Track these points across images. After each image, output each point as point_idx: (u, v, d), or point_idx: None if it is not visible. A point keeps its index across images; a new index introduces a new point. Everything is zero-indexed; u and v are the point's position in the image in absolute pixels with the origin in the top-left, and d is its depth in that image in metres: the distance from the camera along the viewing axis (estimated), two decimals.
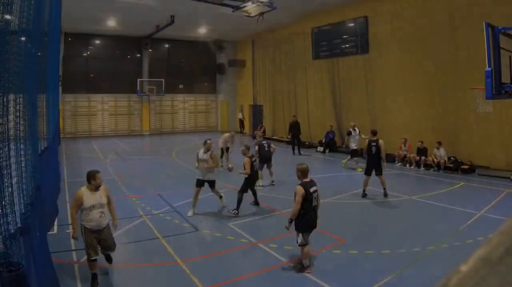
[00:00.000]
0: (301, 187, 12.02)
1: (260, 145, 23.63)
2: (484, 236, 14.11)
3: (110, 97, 51.86)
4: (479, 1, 25.78)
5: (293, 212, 11.89)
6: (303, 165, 12.57)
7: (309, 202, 11.96)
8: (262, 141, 24.25)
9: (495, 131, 26.09)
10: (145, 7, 35.84)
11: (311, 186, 12.23)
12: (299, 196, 11.80)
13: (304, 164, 12.72)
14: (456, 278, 0.85)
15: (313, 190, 11.96)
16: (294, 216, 11.92)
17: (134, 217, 17.27)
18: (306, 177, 12.44)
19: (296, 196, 11.89)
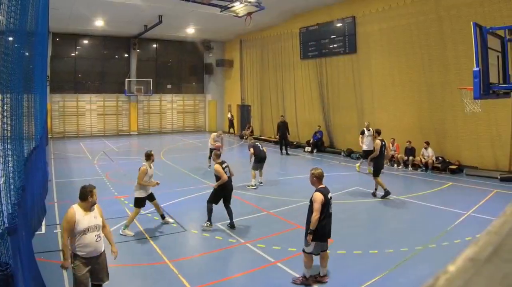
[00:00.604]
0: (320, 193, 11.31)
1: (255, 146, 23.52)
2: (472, 236, 14.18)
3: (98, 97, 51.74)
4: (467, 1, 25.86)
5: (314, 222, 11.03)
6: (318, 170, 11.87)
7: (327, 209, 11.36)
8: (255, 142, 24.16)
9: (483, 132, 26.17)
10: (133, 7, 35.79)
11: (328, 192, 11.57)
12: (319, 203, 11.12)
13: (319, 168, 12.00)
14: (444, 278, 0.85)
15: (330, 196, 11.47)
16: (314, 225, 11.05)
17: (122, 217, 17.19)
18: (321, 182, 11.75)
19: (315, 203, 11.18)
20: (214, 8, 30.04)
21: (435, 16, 28.17)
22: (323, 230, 11.26)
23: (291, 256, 13.22)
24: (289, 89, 43.56)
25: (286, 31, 43.14)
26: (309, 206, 11.44)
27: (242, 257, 13.57)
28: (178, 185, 22.84)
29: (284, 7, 37.79)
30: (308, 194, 16.33)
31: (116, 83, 52.33)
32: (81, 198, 9.72)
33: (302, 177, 25.40)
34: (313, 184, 11.74)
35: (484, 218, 16.70)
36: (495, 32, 14.35)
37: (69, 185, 23.63)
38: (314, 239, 11.11)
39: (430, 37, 28.56)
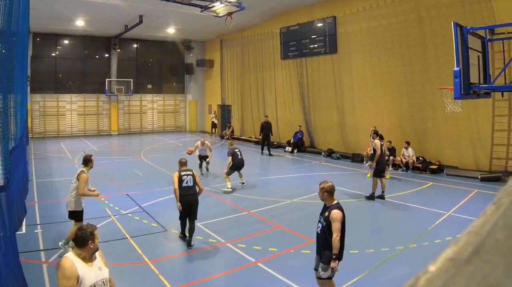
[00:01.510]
0: (339, 210, 9.87)
1: (234, 154, 22.87)
2: (452, 236, 14.28)
3: (78, 97, 51.65)
4: (447, 1, 25.99)
5: (336, 244, 9.61)
6: (328, 183, 10.31)
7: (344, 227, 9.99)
8: (235, 149, 23.27)
9: (463, 132, 26.30)
10: (113, 7, 35.82)
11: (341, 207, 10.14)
12: (339, 223, 9.73)
13: (329, 181, 10.41)
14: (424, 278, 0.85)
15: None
16: (338, 249, 9.63)
17: (103, 217, 17.28)
18: (333, 197, 10.27)
19: (334, 223, 9.71)
20: (194, 8, 30.07)
21: (415, 16, 28.31)
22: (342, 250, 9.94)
23: (272, 256, 13.25)
24: (269, 89, 43.70)
25: (267, 31, 43.27)
26: (324, 226, 9.98)
27: (223, 257, 13.53)
28: (158, 185, 22.86)
29: (265, 7, 37.97)
30: (289, 194, 16.29)
31: (97, 83, 52.32)
32: (79, 244, 6.97)
33: (282, 177, 25.52)
34: (325, 200, 10.30)
35: (465, 218, 16.81)
36: (475, 32, 14.44)
37: (50, 185, 23.69)
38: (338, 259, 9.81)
39: (410, 37, 28.71)
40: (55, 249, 13.63)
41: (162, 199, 20.35)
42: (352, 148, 32.41)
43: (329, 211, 9.90)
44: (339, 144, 34.60)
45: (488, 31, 16.22)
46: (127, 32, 46.26)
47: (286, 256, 13.22)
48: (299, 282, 11.45)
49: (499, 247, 0.89)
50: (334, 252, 9.58)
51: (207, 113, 57.56)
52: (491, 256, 0.86)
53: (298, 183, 24.70)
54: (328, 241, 9.79)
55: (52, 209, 18.55)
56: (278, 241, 14.41)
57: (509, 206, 1.11)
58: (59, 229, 15.89)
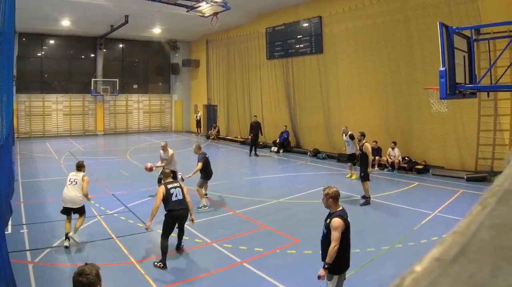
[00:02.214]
0: (340, 219, 9.27)
1: (206, 161, 19.62)
2: (438, 236, 14.29)
3: (64, 97, 51.57)
4: (433, 1, 26.10)
5: (332, 254, 9.06)
6: (333, 189, 9.65)
7: (347, 235, 9.47)
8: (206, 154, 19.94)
9: (449, 132, 26.41)
10: (99, 7, 35.75)
11: (347, 215, 9.57)
12: (339, 232, 9.16)
13: (333, 187, 9.73)
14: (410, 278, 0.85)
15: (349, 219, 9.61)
16: (333, 258, 9.08)
17: (89, 217, 16.94)
18: (338, 203, 9.69)
19: (334, 231, 9.16)
20: (180, 8, 29.99)
21: (401, 16, 28.42)
22: (346, 260, 9.55)
23: (258, 256, 13.26)
24: (255, 89, 43.76)
25: (253, 31, 43.32)
26: (325, 234, 9.48)
27: (209, 257, 13.56)
28: (144, 185, 22.84)
29: (250, 7, 38.03)
30: (275, 194, 16.25)
31: (83, 83, 52.24)
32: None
33: (268, 177, 25.53)
34: (329, 207, 9.69)
35: (451, 218, 16.84)
36: (461, 32, 14.43)
37: (36, 185, 23.68)
38: (336, 273, 9.36)
39: (396, 37, 28.81)
40: (41, 249, 13.58)
41: (148, 199, 20.33)
42: (338, 148, 32.24)
43: (331, 219, 9.36)
44: (325, 144, 34.68)
45: (474, 31, 16.28)
46: (113, 32, 46.31)
47: (272, 256, 13.24)
48: (284, 282, 11.48)
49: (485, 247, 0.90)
50: (327, 261, 9.10)
51: (193, 114, 57.61)
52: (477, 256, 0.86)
53: (284, 183, 24.75)
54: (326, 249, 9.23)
55: (38, 209, 18.55)
56: (264, 241, 14.45)
57: (494, 206, 1.11)
58: (45, 229, 15.91)
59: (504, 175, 1.41)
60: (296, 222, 17.23)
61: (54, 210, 17.88)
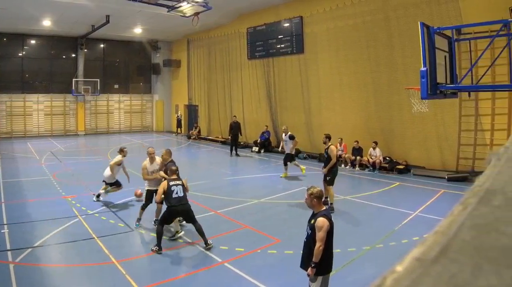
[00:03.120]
0: (325, 218, 9.18)
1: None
2: (419, 236, 14.29)
3: (45, 97, 51.48)
4: (414, 1, 26.21)
5: (318, 254, 8.98)
6: (316, 188, 9.63)
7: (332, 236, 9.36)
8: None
9: (430, 132, 26.51)
10: (80, 6, 35.57)
11: (330, 214, 9.69)
12: (324, 232, 9.05)
13: (317, 187, 9.73)
14: (391, 278, 0.85)
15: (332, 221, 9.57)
16: (318, 258, 9.01)
17: (70, 217, 17.15)
18: (322, 204, 9.68)
19: (319, 232, 9.03)
20: (161, 8, 30.07)
21: (382, 16, 28.48)
22: (330, 261, 9.48)
23: (239, 256, 13.26)
24: (236, 89, 43.79)
25: (234, 31, 43.32)
26: (310, 234, 9.39)
27: (190, 257, 13.59)
28: (125, 184, 22.30)
29: (231, 7, 38.05)
30: (256, 194, 16.23)
31: (64, 83, 52.10)
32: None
33: (249, 177, 25.56)
34: (313, 207, 9.63)
35: (432, 218, 16.86)
36: (442, 32, 14.51)
37: (17, 185, 23.59)
38: (320, 273, 9.28)
39: (377, 37, 28.88)
40: (23, 249, 13.51)
41: (129, 199, 20.36)
42: (318, 147, 32.02)
43: (315, 219, 9.27)
44: (305, 144, 34.61)
45: (455, 31, 16.34)
46: (94, 32, 46.17)
47: (253, 256, 13.26)
48: (265, 282, 11.48)
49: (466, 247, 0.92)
50: (314, 260, 9.02)
51: (174, 113, 57.58)
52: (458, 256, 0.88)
53: (265, 183, 24.76)
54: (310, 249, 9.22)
55: (19, 209, 18.44)
56: (245, 241, 14.46)
57: (476, 206, 1.11)
58: (26, 229, 15.82)
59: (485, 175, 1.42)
60: (277, 222, 17.26)
61: (35, 210, 18.04)
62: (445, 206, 17.98)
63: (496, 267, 0.84)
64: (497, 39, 15.83)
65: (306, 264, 9.37)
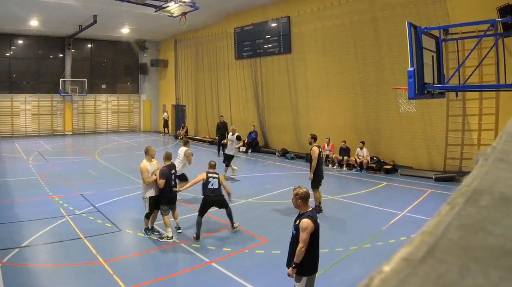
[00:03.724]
0: (309, 220, 9.11)
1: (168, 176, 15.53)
2: (407, 236, 14.32)
3: (33, 97, 51.35)
4: (401, 1, 26.29)
5: (299, 255, 8.97)
6: (302, 189, 9.62)
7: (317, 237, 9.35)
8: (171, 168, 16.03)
9: (418, 132, 26.58)
10: (68, 7, 35.53)
11: (316, 216, 9.53)
12: (308, 233, 9.00)
13: (303, 187, 9.74)
14: (378, 278, 0.85)
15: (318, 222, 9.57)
16: (300, 259, 9.00)
17: (57, 217, 17.12)
18: (308, 204, 9.62)
19: (303, 233, 8.99)
20: (149, 8, 30.08)
21: (369, 16, 28.53)
22: (315, 262, 9.45)
23: (226, 256, 13.28)
24: (224, 89, 43.79)
25: (221, 31, 43.33)
26: (294, 235, 9.36)
27: (177, 257, 13.64)
28: (113, 185, 22.83)
29: (219, 7, 38.00)
30: (243, 193, 16.23)
31: (51, 83, 52.06)
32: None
33: (237, 177, 25.52)
34: (298, 207, 9.64)
35: (419, 218, 16.90)
36: (429, 32, 14.58)
37: (4, 185, 23.53)
38: (304, 274, 9.26)
39: (364, 37, 28.91)
40: (10, 249, 13.50)
41: (116, 199, 20.32)
42: (306, 148, 31.25)
43: (300, 219, 9.24)
44: (293, 144, 34.84)
45: (442, 31, 16.39)
46: (81, 32, 46.04)
47: (240, 256, 13.29)
48: (253, 282, 11.50)
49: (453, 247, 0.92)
50: (295, 261, 9.03)
51: (161, 113, 57.61)
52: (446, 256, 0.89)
53: (252, 183, 24.80)
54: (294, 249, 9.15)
55: (6, 209, 18.39)
56: (232, 241, 14.51)
57: (463, 206, 1.11)
58: (13, 229, 15.80)
59: (473, 175, 1.42)
60: (264, 222, 17.30)
61: (23, 210, 18.00)
62: (432, 206, 17.99)
63: (484, 267, 0.84)
64: (485, 39, 15.92)
65: (290, 264, 9.32)
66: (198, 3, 27.15)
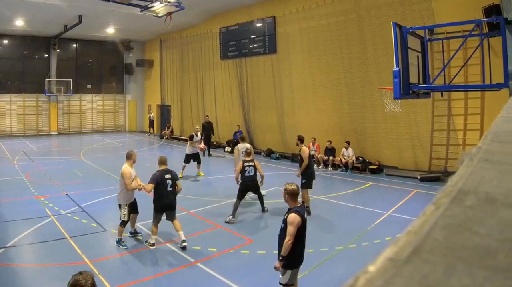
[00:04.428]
0: (296, 215, 9.50)
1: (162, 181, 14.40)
2: (392, 236, 14.38)
3: (18, 97, 51.34)
4: (387, 1, 26.35)
5: (286, 247, 9.32)
6: (292, 186, 10.04)
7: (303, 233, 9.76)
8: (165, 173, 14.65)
9: (403, 132, 26.66)
10: (53, 6, 35.49)
11: (304, 211, 10.04)
12: (295, 227, 9.36)
13: (294, 184, 10.16)
14: (364, 278, 0.85)
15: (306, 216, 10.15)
16: (287, 251, 9.34)
17: (42, 217, 17.09)
18: (296, 200, 10.05)
19: (290, 226, 9.37)
20: (134, 8, 29.88)
21: (355, 16, 28.57)
22: (300, 256, 9.79)
23: (211, 256, 13.29)
24: (209, 89, 43.83)
25: (206, 31, 43.35)
26: (282, 228, 9.80)
27: (163, 257, 13.54)
28: (98, 185, 22.81)
29: (204, 7, 38.02)
30: (228, 193, 16.22)
31: (36, 83, 51.94)
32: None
33: (222, 177, 25.53)
34: (287, 202, 10.08)
35: (404, 218, 16.93)
36: (415, 32, 14.60)
37: None
38: (289, 267, 9.58)
39: (350, 37, 28.94)
40: None
41: (101, 199, 20.27)
42: (291, 148, 32.19)
43: (288, 214, 9.70)
44: (278, 144, 34.89)
45: (427, 31, 16.54)
46: (67, 32, 46.04)
47: (226, 256, 13.27)
48: (238, 281, 11.48)
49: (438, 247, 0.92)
50: (281, 254, 9.40)
51: (146, 114, 57.70)
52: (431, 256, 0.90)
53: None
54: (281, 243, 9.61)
55: None
56: (217, 241, 14.48)
57: (448, 206, 1.12)
58: None
59: (458, 175, 1.42)
60: (249, 222, 17.32)
61: (8, 210, 17.98)
62: (417, 206, 18.19)
63: (469, 267, 0.84)
64: (470, 39, 15.98)
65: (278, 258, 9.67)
66: (184, 3, 27.09)
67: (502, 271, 0.83)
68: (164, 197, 14.31)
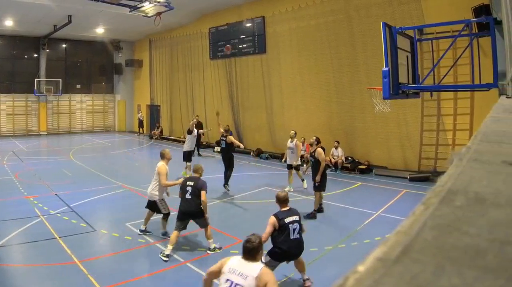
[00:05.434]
0: (273, 216, 10.97)
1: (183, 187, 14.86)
2: (381, 236, 14.32)
3: (7, 97, 51.26)
4: (376, 1, 26.42)
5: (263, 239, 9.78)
6: (282, 193, 11.54)
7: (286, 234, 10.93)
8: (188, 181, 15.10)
9: (392, 132, 26.72)
10: (42, 6, 35.36)
11: (288, 216, 11.12)
12: (270, 226, 10.82)
13: (284, 191, 11.78)
14: (353, 278, 0.85)
15: (290, 220, 11.06)
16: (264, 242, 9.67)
17: (32, 217, 17.02)
18: (284, 205, 11.34)
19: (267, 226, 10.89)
20: (123, 8, 30.10)
21: (344, 16, 28.63)
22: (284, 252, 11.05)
23: (200, 256, 13.35)
24: (198, 89, 43.86)
25: (196, 31, 43.37)
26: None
27: (152, 257, 13.51)
28: (87, 185, 22.75)
29: (193, 6, 38.03)
30: (218, 194, 16.25)
31: (26, 83, 51.81)
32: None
33: (211, 177, 25.35)
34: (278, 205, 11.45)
35: (394, 218, 16.96)
36: (404, 32, 14.58)
37: None
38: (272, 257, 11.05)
39: (339, 37, 28.98)
40: None
41: (91, 199, 20.21)
42: (281, 147, 31.82)
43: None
44: (267, 144, 34.95)
45: (417, 31, 16.44)
46: (56, 32, 45.94)
47: (215, 256, 13.05)
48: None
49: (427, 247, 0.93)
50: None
51: (136, 113, 57.67)
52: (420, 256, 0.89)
53: None
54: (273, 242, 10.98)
55: None
56: (206, 241, 14.28)
57: (437, 206, 1.12)
58: None
59: (447, 175, 1.43)
60: (238, 222, 17.44)
61: None
62: (407, 206, 18.17)
63: (458, 267, 0.84)
64: (459, 39, 15.99)
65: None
66: (173, 3, 27.21)
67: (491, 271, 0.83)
68: (182, 203, 14.48)
